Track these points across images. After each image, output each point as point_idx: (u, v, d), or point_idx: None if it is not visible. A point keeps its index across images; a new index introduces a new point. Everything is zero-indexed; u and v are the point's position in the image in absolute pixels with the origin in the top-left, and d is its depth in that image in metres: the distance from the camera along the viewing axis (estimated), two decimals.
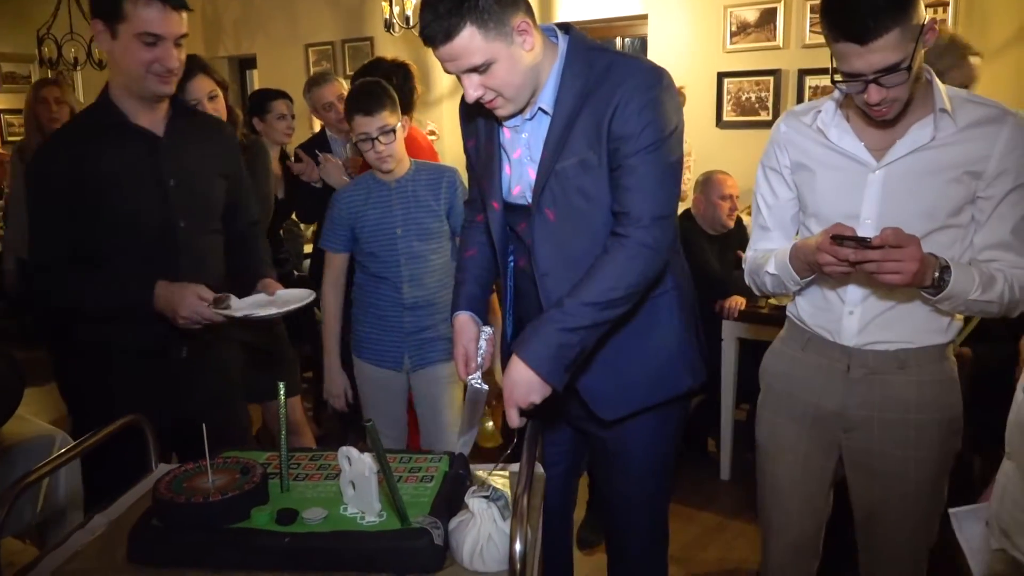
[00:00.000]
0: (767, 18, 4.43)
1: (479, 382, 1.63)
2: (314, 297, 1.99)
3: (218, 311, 1.81)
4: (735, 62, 4.57)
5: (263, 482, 1.37)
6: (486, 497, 1.28)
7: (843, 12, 1.38)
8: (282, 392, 1.44)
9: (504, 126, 1.59)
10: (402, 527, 1.27)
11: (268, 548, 1.24)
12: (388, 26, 4.92)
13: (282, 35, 6.42)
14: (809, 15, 4.27)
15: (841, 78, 1.46)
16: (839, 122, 1.61)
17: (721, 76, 4.62)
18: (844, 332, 1.64)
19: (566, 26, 1.56)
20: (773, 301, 3.16)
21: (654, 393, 1.66)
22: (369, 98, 2.30)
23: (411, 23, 4.81)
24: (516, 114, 1.54)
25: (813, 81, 4.34)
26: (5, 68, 6.84)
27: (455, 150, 1.81)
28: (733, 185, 3.51)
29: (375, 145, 2.30)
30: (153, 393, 1.90)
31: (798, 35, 4.37)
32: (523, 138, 1.58)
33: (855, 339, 1.63)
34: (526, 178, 1.58)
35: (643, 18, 4.91)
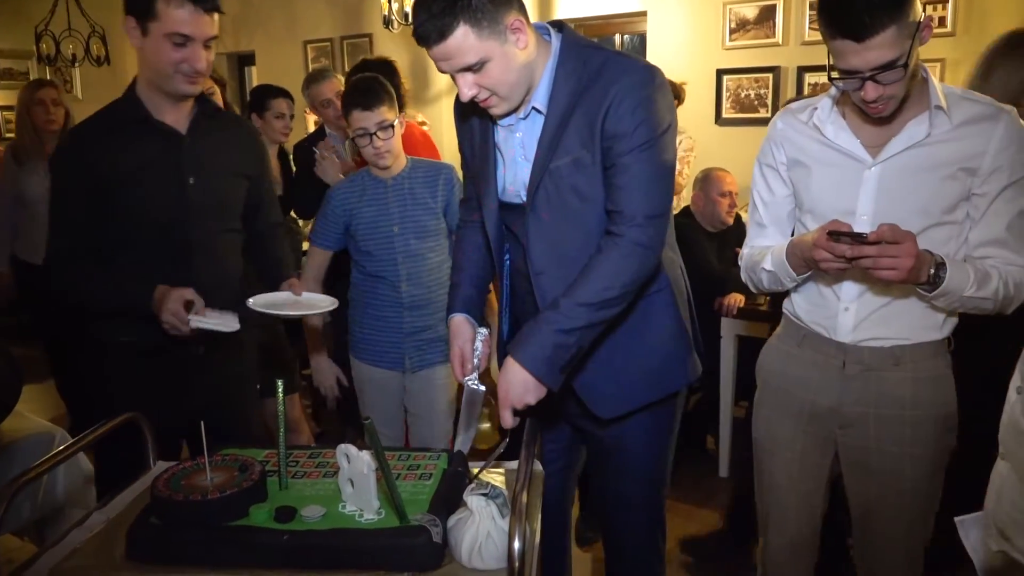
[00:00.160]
0: (766, 15, 4.42)
1: (475, 383, 1.64)
2: (336, 304, 1.99)
3: (192, 317, 1.78)
4: (734, 59, 4.57)
5: (261, 480, 1.38)
6: (485, 495, 1.28)
7: (840, 9, 1.39)
8: (280, 390, 1.44)
9: (499, 125, 1.59)
10: (400, 525, 1.27)
11: (266, 546, 1.25)
12: (387, 23, 4.91)
13: (281, 32, 6.40)
14: (808, 12, 4.26)
15: (838, 75, 1.46)
16: (835, 119, 1.61)
17: (720, 73, 4.62)
18: (840, 328, 1.65)
19: (559, 24, 1.57)
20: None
21: (651, 391, 1.66)
22: (367, 93, 2.29)
23: (410, 19, 4.78)
24: (510, 113, 1.54)
25: (812, 78, 4.33)
26: (3, 65, 6.82)
27: (453, 147, 1.81)
28: (732, 182, 3.51)
29: (373, 140, 2.29)
30: (165, 390, 1.91)
31: (797, 32, 4.36)
32: (517, 137, 1.58)
33: (850, 335, 1.64)
34: (520, 177, 1.58)
35: (642, 15, 4.90)
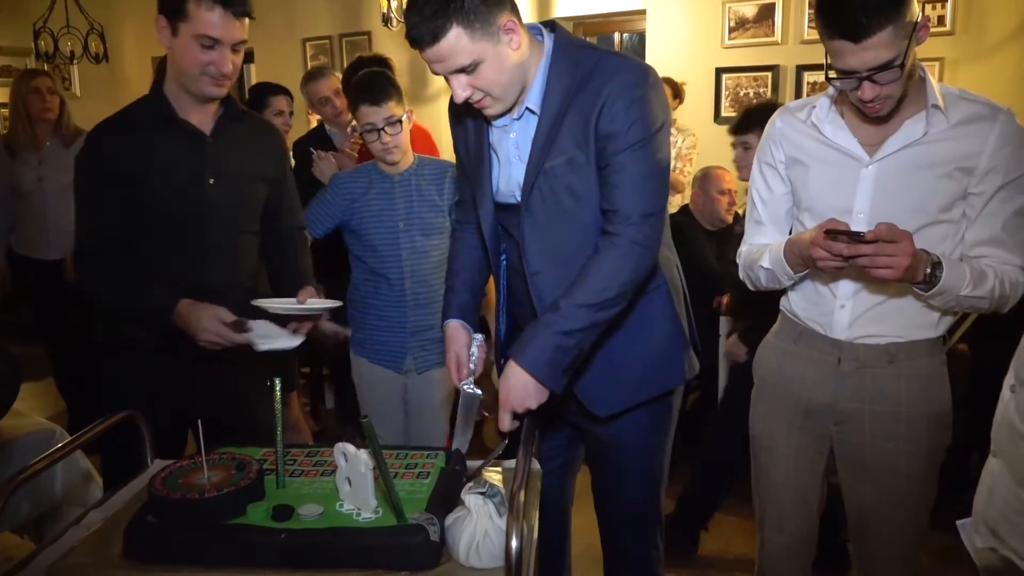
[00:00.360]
0: (765, 14, 4.42)
1: (472, 387, 1.65)
2: (340, 305, 1.99)
3: (242, 335, 1.80)
4: (733, 58, 4.57)
5: (259, 478, 1.37)
6: (482, 493, 1.28)
7: (837, 10, 1.39)
8: (278, 388, 1.44)
9: (493, 126, 1.59)
10: (398, 523, 1.27)
11: (264, 544, 1.24)
12: (386, 20, 4.91)
13: (280, 29, 6.39)
14: (807, 11, 4.27)
15: (835, 75, 1.46)
16: (833, 118, 1.62)
17: (719, 72, 4.62)
18: (835, 326, 1.65)
19: (551, 24, 1.57)
20: None
21: (648, 388, 1.67)
22: (374, 88, 2.27)
23: None
24: (504, 113, 1.54)
25: (811, 77, 4.33)
26: (1, 62, 6.81)
27: (452, 146, 1.81)
28: (731, 180, 3.50)
29: (381, 136, 2.27)
30: (174, 386, 1.92)
31: (796, 31, 4.36)
32: (511, 138, 1.58)
33: (846, 333, 1.64)
34: (515, 177, 1.58)
35: (641, 13, 4.90)
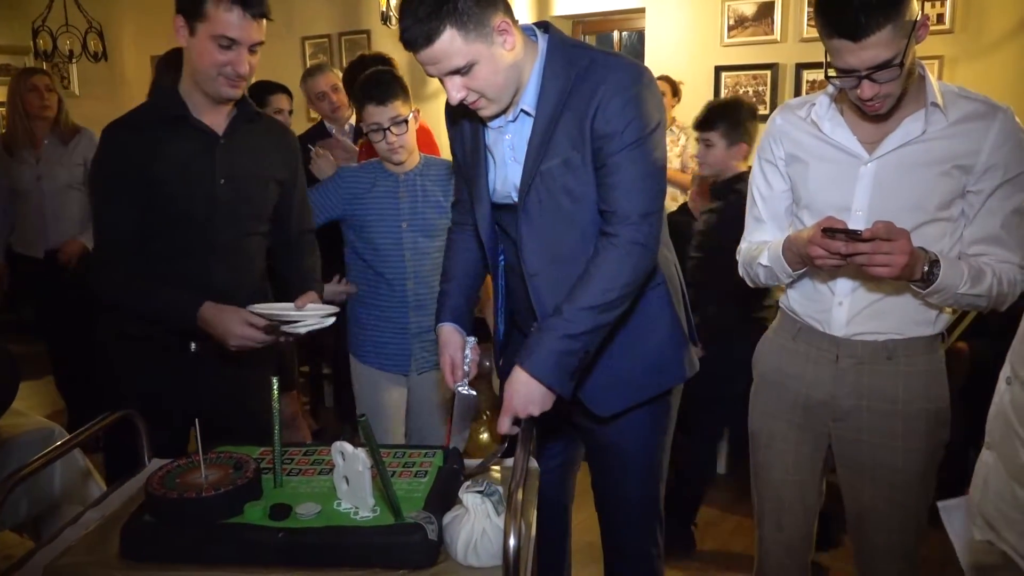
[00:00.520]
0: (765, 12, 4.41)
1: (467, 389, 1.66)
2: (337, 311, 1.99)
3: (284, 331, 1.82)
4: (733, 56, 4.56)
5: (256, 477, 1.37)
6: (480, 492, 1.28)
7: (836, 9, 1.39)
8: (275, 387, 1.43)
9: (488, 127, 1.59)
10: (396, 522, 1.27)
11: (261, 543, 1.24)
12: (385, 19, 4.90)
13: (279, 28, 6.37)
14: (807, 9, 4.25)
15: (834, 73, 1.46)
16: (833, 115, 1.62)
17: (719, 70, 4.61)
18: (833, 322, 1.66)
19: (545, 24, 1.56)
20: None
21: (648, 387, 1.67)
22: (380, 87, 2.25)
23: None
24: (500, 114, 1.54)
25: (811, 75, 4.32)
26: (0, 61, 6.80)
27: None
28: None
29: (387, 136, 2.25)
30: (179, 383, 1.92)
31: (796, 29, 4.35)
32: (507, 139, 1.58)
33: (844, 329, 1.64)
34: (511, 179, 1.58)
35: (640, 11, 4.89)
